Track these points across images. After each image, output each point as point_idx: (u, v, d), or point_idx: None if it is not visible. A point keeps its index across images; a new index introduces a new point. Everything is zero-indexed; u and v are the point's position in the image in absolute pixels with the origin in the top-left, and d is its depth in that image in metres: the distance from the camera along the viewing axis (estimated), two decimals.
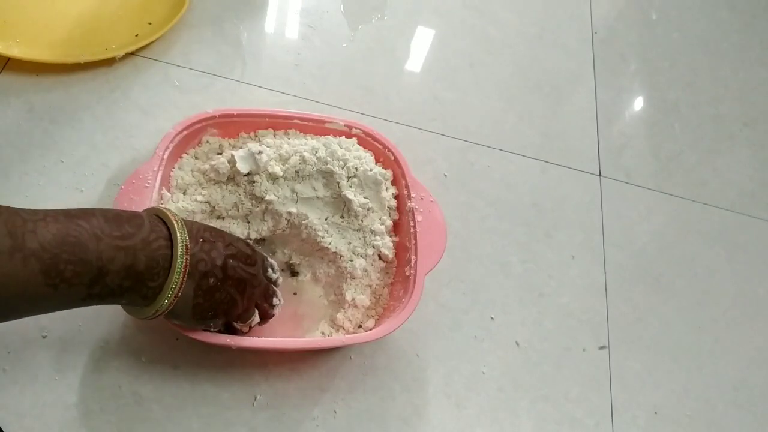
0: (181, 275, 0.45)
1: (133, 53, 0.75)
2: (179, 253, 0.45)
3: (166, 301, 0.45)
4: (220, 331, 0.54)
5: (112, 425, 0.54)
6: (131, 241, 0.43)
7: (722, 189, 0.88)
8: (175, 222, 0.46)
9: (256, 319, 0.55)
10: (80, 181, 0.66)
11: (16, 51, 0.70)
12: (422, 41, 0.93)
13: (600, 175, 0.84)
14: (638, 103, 0.96)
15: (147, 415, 0.55)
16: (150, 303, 0.46)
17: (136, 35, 0.76)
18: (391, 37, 0.91)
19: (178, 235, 0.46)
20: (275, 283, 0.57)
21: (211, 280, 0.48)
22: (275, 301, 0.57)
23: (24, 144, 0.67)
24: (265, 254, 0.57)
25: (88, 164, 0.67)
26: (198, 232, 0.49)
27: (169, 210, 0.48)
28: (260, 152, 0.61)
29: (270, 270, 0.57)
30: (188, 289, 0.47)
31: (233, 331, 0.55)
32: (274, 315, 0.58)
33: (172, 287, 0.45)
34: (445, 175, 0.78)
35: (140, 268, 0.43)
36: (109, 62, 0.74)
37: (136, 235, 0.43)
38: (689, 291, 0.77)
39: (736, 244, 0.83)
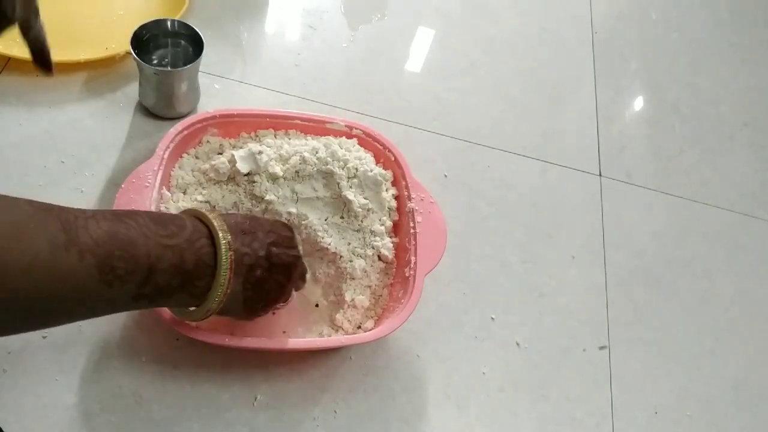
0: (228, 272, 0.46)
1: None
2: (223, 250, 0.45)
3: (217, 299, 0.46)
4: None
5: (112, 425, 0.54)
6: (177, 240, 0.43)
7: (722, 189, 0.88)
8: (214, 220, 0.46)
9: (294, 295, 0.56)
10: (81, 181, 0.66)
11: (16, 51, 0.70)
12: (422, 41, 0.93)
13: (600, 175, 0.84)
14: (638, 103, 0.96)
15: (147, 415, 0.55)
16: (200, 303, 0.46)
17: None
18: (391, 37, 0.91)
19: (220, 233, 0.46)
20: None
21: (258, 272, 0.48)
22: (307, 276, 0.58)
23: (24, 144, 0.67)
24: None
25: (88, 164, 0.67)
26: (236, 224, 0.48)
27: (205, 209, 0.48)
28: (260, 152, 0.61)
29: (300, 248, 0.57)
30: (237, 285, 0.47)
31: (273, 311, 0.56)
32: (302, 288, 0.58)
33: (221, 284, 0.45)
34: (445, 176, 0.78)
35: (188, 267, 0.44)
36: (109, 62, 0.74)
37: (180, 234, 0.44)
38: (689, 291, 0.77)
39: (737, 244, 0.83)
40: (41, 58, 0.52)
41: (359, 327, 0.61)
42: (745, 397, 0.71)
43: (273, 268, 0.50)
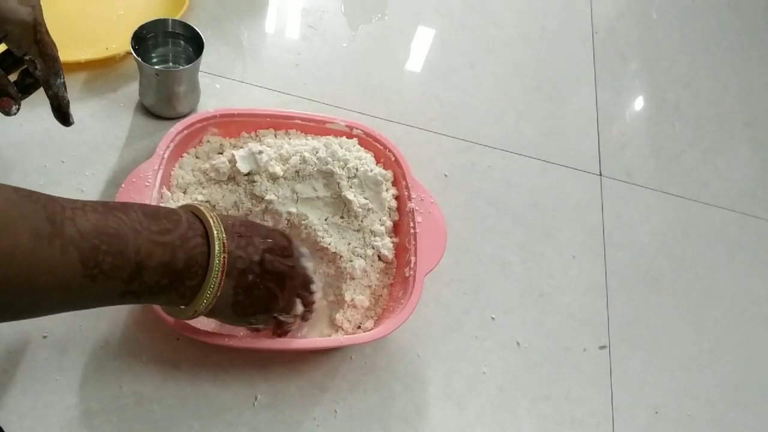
0: (220, 274, 0.44)
1: None
2: (216, 251, 0.44)
3: (205, 301, 0.45)
4: (260, 328, 0.54)
5: (112, 425, 0.54)
6: (169, 237, 0.42)
7: (723, 188, 0.88)
8: (211, 219, 0.45)
9: (300, 308, 0.54)
10: (81, 181, 0.66)
11: None
12: (422, 41, 0.93)
13: (600, 174, 0.84)
14: (639, 103, 0.96)
15: (147, 415, 0.55)
16: (188, 303, 0.45)
17: None
18: (391, 37, 0.91)
19: (215, 232, 0.44)
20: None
21: (250, 277, 0.47)
22: (314, 287, 0.55)
23: (24, 144, 0.67)
24: (296, 242, 0.55)
25: (88, 164, 0.67)
26: (233, 227, 0.47)
27: (203, 206, 0.47)
28: (261, 152, 0.61)
29: (303, 258, 0.55)
30: (227, 288, 0.46)
31: (279, 324, 0.54)
32: (315, 302, 0.56)
33: (210, 287, 0.44)
34: (445, 175, 0.78)
35: (178, 266, 0.42)
36: (109, 62, 0.74)
37: (174, 231, 0.43)
38: (689, 291, 0.77)
39: (737, 244, 0.83)
40: (59, 112, 0.55)
41: (359, 327, 0.61)
42: (745, 397, 0.71)
43: (266, 275, 0.48)
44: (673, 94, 0.98)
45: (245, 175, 0.62)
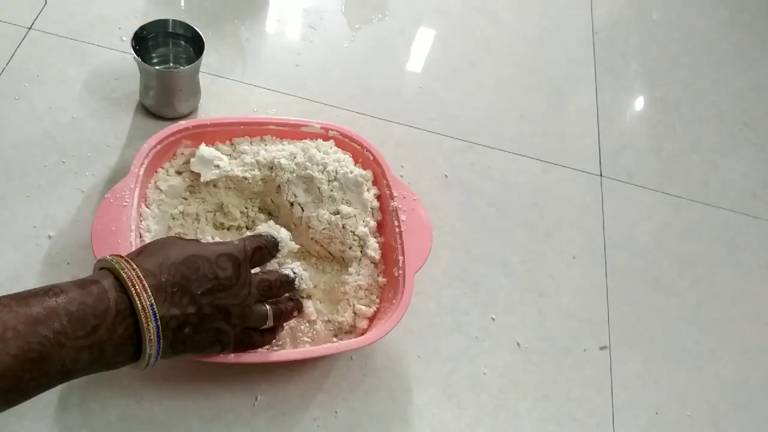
0: (156, 345, 0.44)
1: None
2: (147, 340, 0.43)
3: (145, 366, 0.45)
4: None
5: (112, 425, 0.54)
6: (96, 336, 0.41)
7: (723, 189, 0.88)
8: (137, 296, 0.42)
9: (270, 315, 0.51)
10: (81, 181, 0.66)
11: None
12: (422, 41, 0.93)
13: (601, 175, 0.84)
14: (639, 103, 0.96)
15: (147, 415, 0.55)
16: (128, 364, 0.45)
17: None
18: (391, 37, 0.91)
19: (143, 323, 0.42)
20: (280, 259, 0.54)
21: (187, 330, 0.45)
22: (297, 281, 0.53)
23: (24, 144, 0.67)
24: (261, 240, 0.52)
25: (88, 164, 0.67)
26: (168, 281, 0.44)
27: (134, 274, 0.43)
28: (217, 166, 0.61)
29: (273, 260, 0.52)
30: (164, 347, 0.45)
31: (261, 334, 0.52)
32: (294, 309, 0.55)
33: (146, 361, 0.44)
34: (445, 176, 0.78)
35: (107, 356, 0.42)
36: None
37: (101, 325, 0.41)
38: (689, 291, 0.77)
39: (737, 244, 0.83)
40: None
41: (353, 329, 0.61)
42: (745, 397, 0.71)
43: (204, 320, 0.46)
44: (673, 94, 0.98)
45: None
